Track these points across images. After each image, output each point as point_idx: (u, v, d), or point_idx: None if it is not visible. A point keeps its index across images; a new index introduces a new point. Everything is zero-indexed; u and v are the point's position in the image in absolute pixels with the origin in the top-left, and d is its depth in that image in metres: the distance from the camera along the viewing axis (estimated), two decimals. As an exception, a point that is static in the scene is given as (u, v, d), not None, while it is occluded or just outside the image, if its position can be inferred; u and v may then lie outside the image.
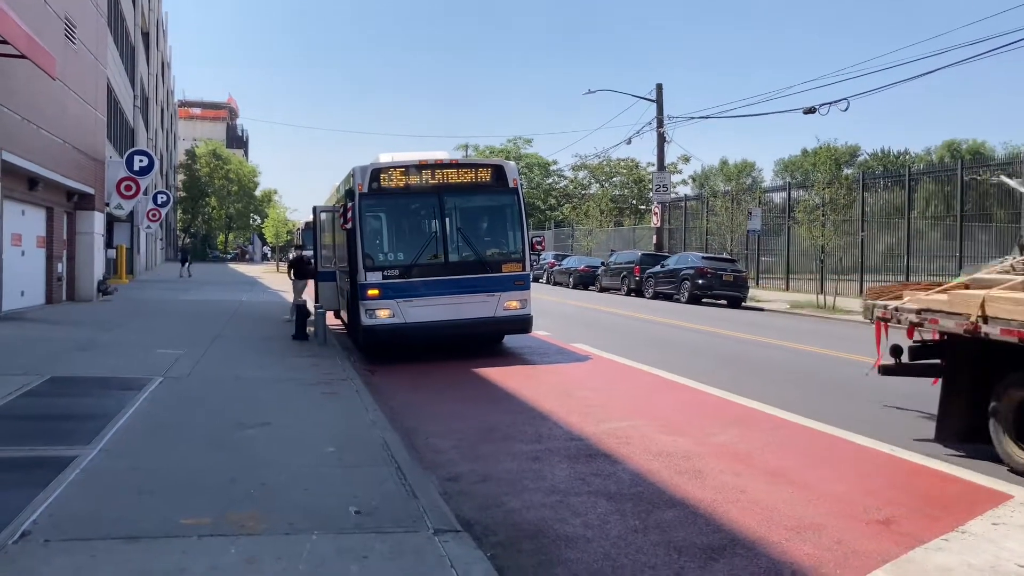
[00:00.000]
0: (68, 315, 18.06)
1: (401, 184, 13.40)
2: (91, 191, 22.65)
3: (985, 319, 6.84)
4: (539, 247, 14.80)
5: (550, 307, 24.00)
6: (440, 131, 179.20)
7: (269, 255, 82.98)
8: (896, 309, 8.17)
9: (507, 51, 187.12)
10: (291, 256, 20.02)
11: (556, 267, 40.64)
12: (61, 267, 21.17)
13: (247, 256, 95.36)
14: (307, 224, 27.23)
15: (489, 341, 14.65)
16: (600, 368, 13.01)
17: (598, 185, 68.26)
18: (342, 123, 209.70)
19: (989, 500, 6.13)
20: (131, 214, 31.44)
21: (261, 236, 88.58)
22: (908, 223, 28.51)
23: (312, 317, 15.76)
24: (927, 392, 10.83)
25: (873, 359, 9.01)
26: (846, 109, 26.85)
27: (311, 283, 17.71)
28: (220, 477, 6.09)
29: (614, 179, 66.79)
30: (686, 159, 61.52)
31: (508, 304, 13.56)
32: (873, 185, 32.34)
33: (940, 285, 8.51)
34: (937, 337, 8.11)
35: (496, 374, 12.10)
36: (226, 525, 5.02)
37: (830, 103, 27.48)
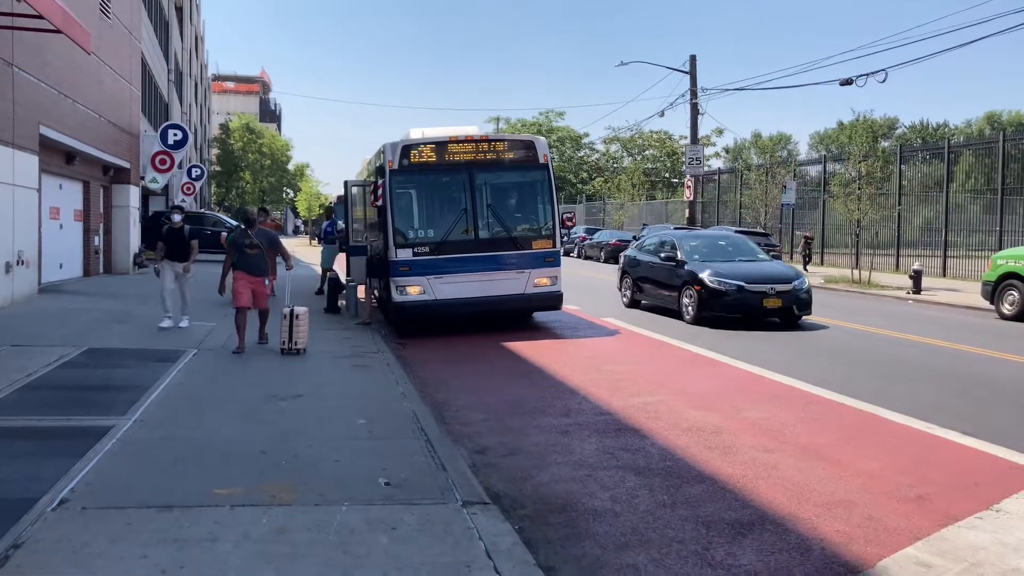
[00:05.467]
0: (105, 287, 18.36)
1: (431, 160, 13.39)
2: (127, 165, 22.94)
3: None
4: (569, 223, 14.74)
5: (581, 282, 23.93)
6: (472, 104, 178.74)
7: (301, 228, 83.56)
8: None
9: (540, 23, 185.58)
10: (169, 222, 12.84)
11: (587, 241, 40.46)
12: (98, 240, 21.51)
13: (280, 229, 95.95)
14: (339, 198, 27.32)
15: (519, 317, 14.65)
16: (630, 342, 12.97)
17: (630, 158, 67.73)
18: (374, 96, 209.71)
19: (1025, 479, 6.04)
20: (166, 188, 31.76)
21: (294, 210, 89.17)
22: (947, 197, 27.95)
23: (344, 291, 15.89)
24: (958, 368, 10.69)
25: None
26: (884, 80, 26.25)
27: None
28: (252, 448, 6.19)
29: (646, 152, 66.22)
30: (720, 132, 61.03)
31: (538, 281, 13.54)
32: (911, 158, 31.73)
33: None
34: None
35: (525, 348, 12.12)
36: (258, 495, 5.10)
37: (868, 74, 26.95)
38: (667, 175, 62.57)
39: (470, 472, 5.97)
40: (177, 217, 12.78)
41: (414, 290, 13.11)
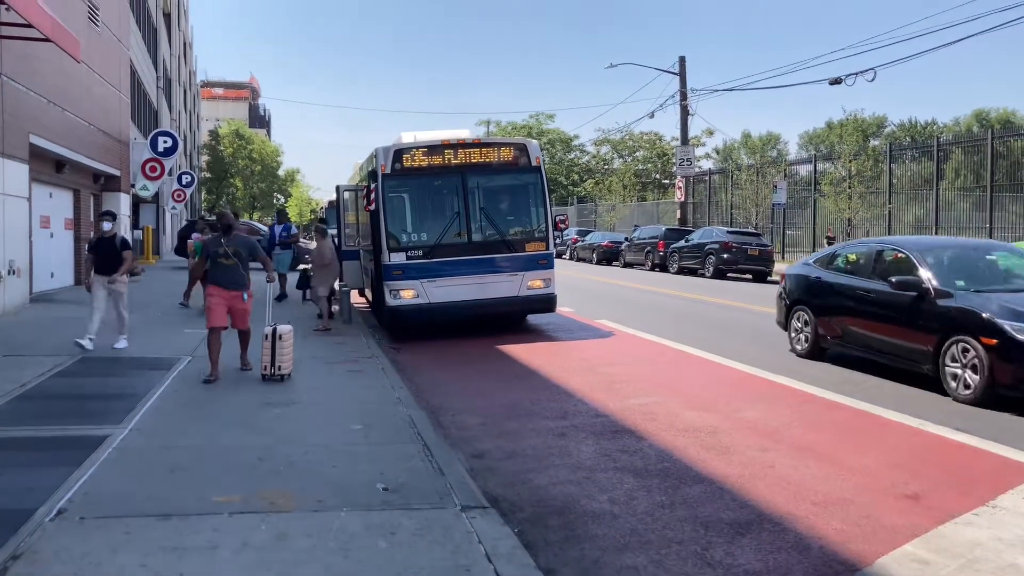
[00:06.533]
0: (97, 296, 18.25)
1: (424, 164, 13.40)
2: (117, 172, 22.86)
3: None
4: (562, 225, 14.76)
5: (574, 283, 23.96)
6: (462, 108, 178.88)
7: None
8: None
9: (529, 26, 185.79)
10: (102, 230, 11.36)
11: (579, 243, 40.55)
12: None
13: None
14: (330, 203, 27.30)
15: (513, 320, 14.66)
16: (625, 344, 12.99)
17: (621, 160, 67.80)
18: (363, 101, 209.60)
19: (1020, 475, 6.07)
20: (156, 195, 31.66)
21: (285, 216, 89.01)
22: (936, 194, 28.12)
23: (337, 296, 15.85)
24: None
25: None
26: (873, 79, 26.43)
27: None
28: (249, 455, 6.17)
29: (637, 154, 66.29)
30: (710, 132, 61.05)
31: (532, 283, 13.55)
32: (900, 156, 31.91)
33: None
34: None
35: (520, 351, 12.12)
36: (256, 502, 5.09)
37: (856, 73, 27.13)
38: (658, 176, 62.60)
39: (468, 476, 5.97)
40: (107, 225, 11.19)
41: (408, 294, 13.11)
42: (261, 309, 10.68)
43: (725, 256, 26.88)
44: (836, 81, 28.07)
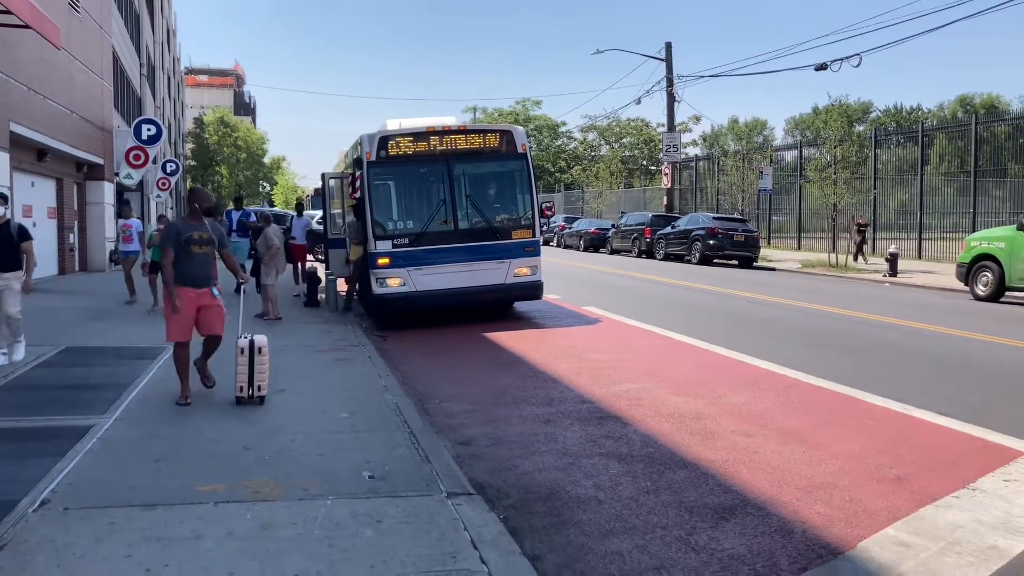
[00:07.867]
0: (81, 285, 18.18)
1: (409, 151, 13.34)
2: (100, 161, 22.69)
3: None
4: (549, 212, 14.74)
5: (561, 270, 23.97)
6: (448, 94, 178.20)
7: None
8: None
9: (515, 12, 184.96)
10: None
11: (566, 230, 40.55)
12: (73, 237, 21.28)
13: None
14: (316, 191, 27.19)
15: (499, 307, 14.66)
16: (611, 330, 13.02)
17: (607, 146, 67.77)
18: (349, 88, 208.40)
19: (1000, 457, 6.14)
20: (141, 183, 31.40)
21: (271, 203, 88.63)
22: (921, 179, 28.26)
23: (323, 284, 15.81)
24: (934, 349, 10.83)
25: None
26: (858, 65, 26.49)
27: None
28: (235, 444, 6.16)
29: (624, 140, 66.29)
30: (696, 119, 61.27)
31: (518, 271, 13.55)
32: (886, 141, 32.03)
33: None
34: None
35: (507, 338, 12.13)
36: (242, 491, 5.09)
37: (842, 59, 27.19)
38: (644, 162, 62.71)
39: (454, 463, 5.98)
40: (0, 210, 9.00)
41: (394, 282, 13.08)
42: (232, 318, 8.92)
43: (711, 242, 26.95)
44: (822, 67, 28.11)
